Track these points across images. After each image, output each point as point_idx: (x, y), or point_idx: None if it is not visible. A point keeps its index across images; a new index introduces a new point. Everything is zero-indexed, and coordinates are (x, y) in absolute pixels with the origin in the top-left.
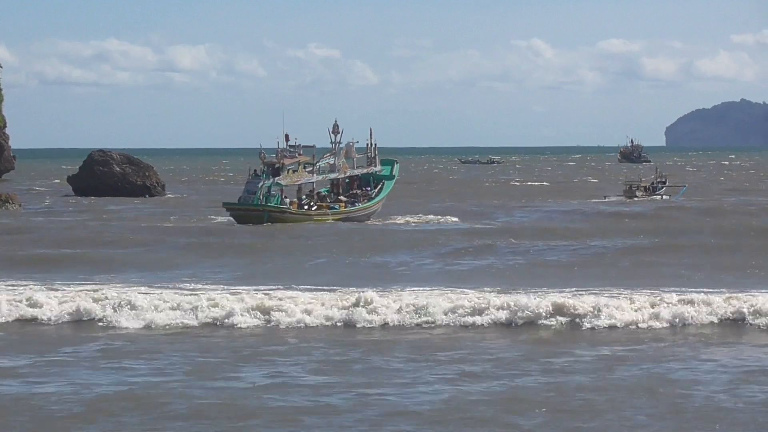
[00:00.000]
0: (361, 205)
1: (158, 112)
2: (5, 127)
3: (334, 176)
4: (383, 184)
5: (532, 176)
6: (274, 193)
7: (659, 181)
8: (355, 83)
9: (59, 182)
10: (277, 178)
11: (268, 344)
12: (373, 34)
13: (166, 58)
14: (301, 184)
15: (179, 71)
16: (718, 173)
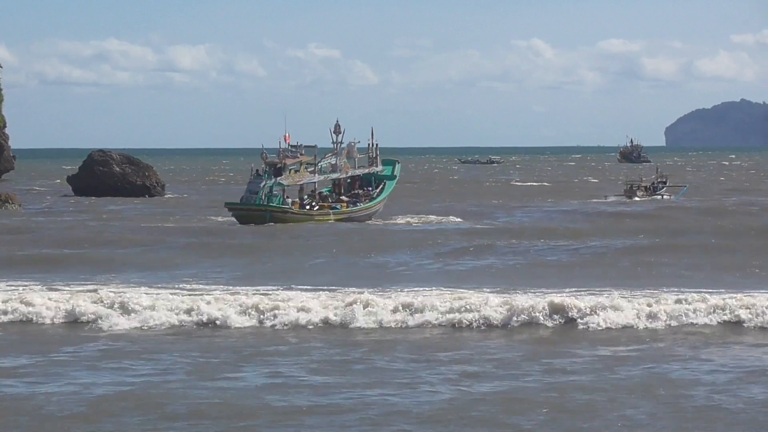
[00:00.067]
0: (362, 205)
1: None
2: (5, 127)
3: (335, 176)
4: (385, 184)
5: (532, 176)
6: (276, 193)
7: (660, 181)
8: (355, 83)
9: (59, 182)
10: (279, 178)
11: (268, 344)
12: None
13: (166, 58)
14: (302, 184)
15: (179, 71)
16: (718, 173)
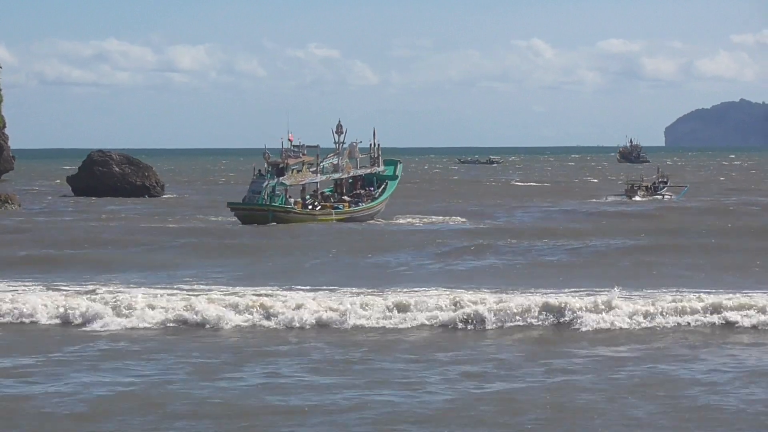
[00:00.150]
0: (364, 205)
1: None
2: (5, 127)
3: (337, 176)
4: (386, 184)
5: (532, 176)
6: (278, 192)
7: (661, 181)
8: (355, 83)
9: (59, 183)
10: (281, 178)
11: (268, 344)
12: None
13: (165, 58)
14: (305, 184)
15: (179, 71)
16: (718, 173)
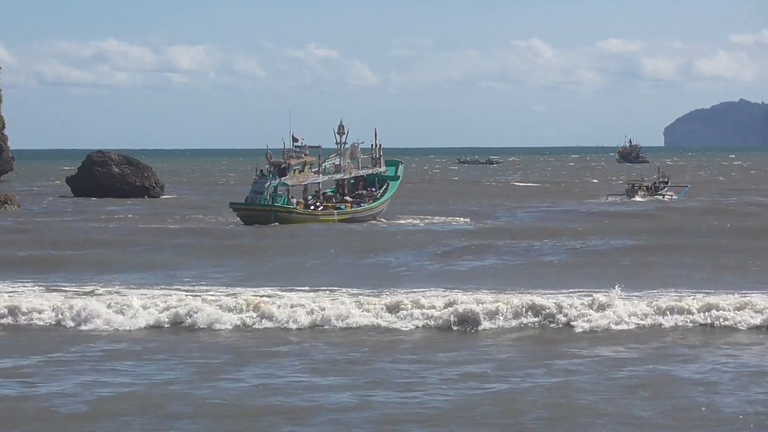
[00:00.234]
0: (366, 205)
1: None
2: (4, 127)
3: (339, 177)
4: (388, 184)
5: (532, 176)
6: (280, 193)
7: (662, 181)
8: (354, 83)
9: (58, 183)
10: (283, 178)
11: (269, 345)
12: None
13: (164, 58)
14: (307, 184)
15: (178, 72)
16: (717, 173)
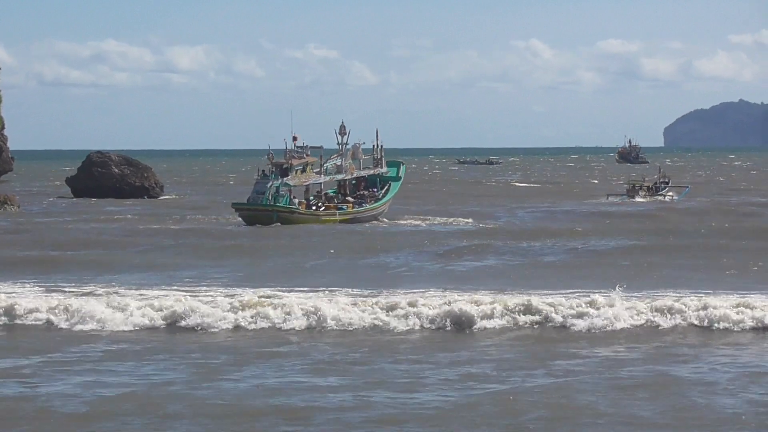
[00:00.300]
0: (368, 206)
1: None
2: (4, 128)
3: (340, 177)
4: (390, 185)
5: (532, 177)
6: (282, 193)
7: (662, 181)
8: (354, 83)
9: (58, 184)
10: (285, 178)
11: (269, 345)
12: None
13: (164, 59)
14: (308, 184)
15: (177, 72)
16: (717, 173)
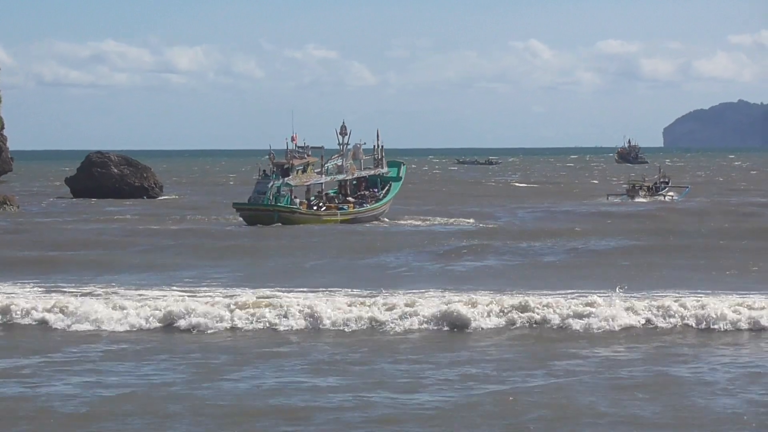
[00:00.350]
0: (369, 206)
1: (156, 113)
2: (3, 128)
3: (341, 177)
4: (390, 185)
5: (532, 177)
6: (283, 193)
7: (663, 181)
8: (353, 84)
9: (58, 184)
10: (286, 178)
11: (269, 345)
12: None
13: (163, 59)
14: (309, 185)
15: (176, 72)
16: (717, 174)
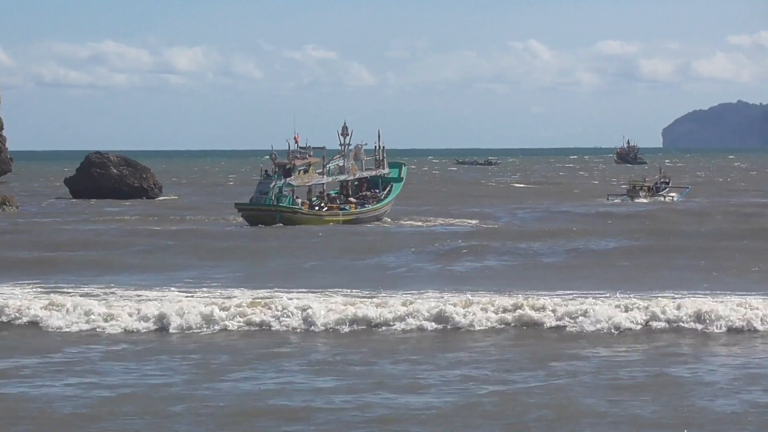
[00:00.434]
0: (370, 206)
1: (155, 113)
2: (2, 129)
3: (343, 178)
4: (392, 186)
5: (531, 177)
6: (285, 193)
7: (663, 181)
8: (352, 84)
9: (57, 184)
10: (288, 178)
11: (269, 346)
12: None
13: (162, 59)
14: (311, 185)
15: (176, 73)
16: (717, 174)
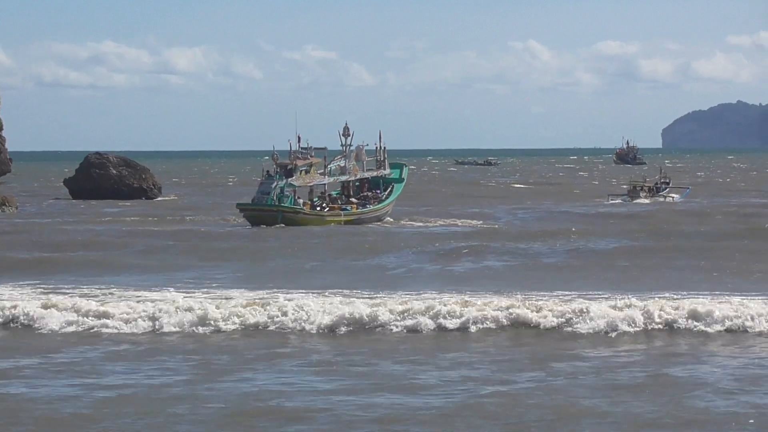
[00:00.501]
0: (372, 207)
1: (155, 114)
2: (2, 129)
3: (344, 178)
4: (393, 186)
5: (531, 178)
6: (287, 193)
7: (663, 181)
8: (352, 84)
9: (57, 185)
10: (290, 179)
11: (270, 347)
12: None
13: (162, 60)
14: (312, 185)
15: (175, 73)
16: (717, 174)
